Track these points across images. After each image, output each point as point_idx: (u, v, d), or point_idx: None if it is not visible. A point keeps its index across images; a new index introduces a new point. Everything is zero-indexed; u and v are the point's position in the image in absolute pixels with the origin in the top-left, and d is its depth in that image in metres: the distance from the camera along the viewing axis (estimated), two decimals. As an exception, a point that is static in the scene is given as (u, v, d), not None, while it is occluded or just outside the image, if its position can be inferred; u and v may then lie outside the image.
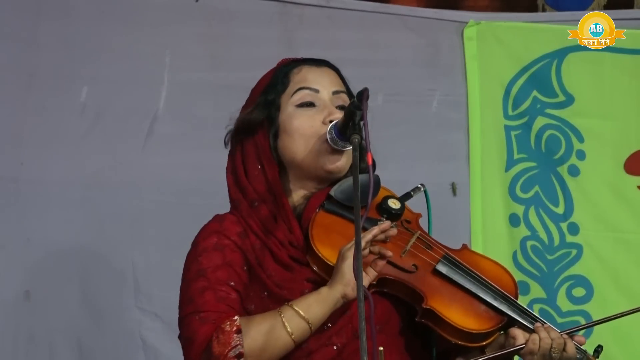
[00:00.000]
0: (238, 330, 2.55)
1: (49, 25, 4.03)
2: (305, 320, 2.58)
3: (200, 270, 2.66)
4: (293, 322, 2.57)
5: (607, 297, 4.28)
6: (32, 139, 3.98)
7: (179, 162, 4.08)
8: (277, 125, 2.78)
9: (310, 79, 2.80)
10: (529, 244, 4.34)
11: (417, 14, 4.41)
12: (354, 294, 2.54)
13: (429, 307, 2.64)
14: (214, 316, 2.58)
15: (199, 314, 2.59)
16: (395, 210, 2.77)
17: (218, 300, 2.61)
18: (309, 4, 4.28)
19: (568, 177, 4.34)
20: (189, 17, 4.18)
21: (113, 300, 4.01)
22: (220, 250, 2.69)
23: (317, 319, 2.58)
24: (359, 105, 2.55)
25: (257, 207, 2.74)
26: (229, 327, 2.55)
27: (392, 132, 4.22)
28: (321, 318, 2.59)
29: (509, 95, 4.36)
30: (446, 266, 2.71)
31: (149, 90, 4.12)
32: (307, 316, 2.58)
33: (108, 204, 4.02)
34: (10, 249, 3.92)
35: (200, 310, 2.60)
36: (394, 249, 2.68)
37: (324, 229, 2.69)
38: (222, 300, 2.61)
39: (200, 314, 2.59)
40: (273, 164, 2.76)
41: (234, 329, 2.55)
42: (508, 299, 2.70)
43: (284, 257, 2.70)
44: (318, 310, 2.58)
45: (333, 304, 2.58)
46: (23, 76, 3.99)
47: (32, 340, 3.92)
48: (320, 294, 2.59)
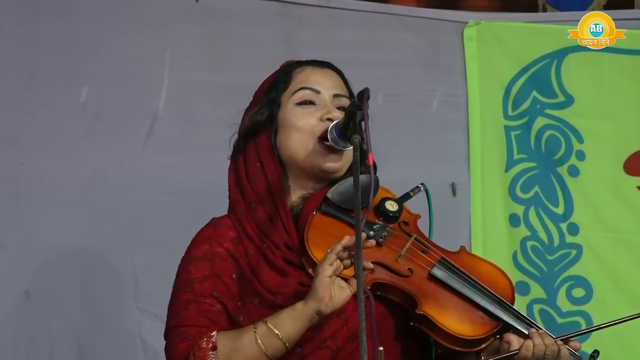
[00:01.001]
0: (214, 347, 2.60)
1: (49, 25, 4.03)
2: (279, 338, 2.58)
3: (188, 280, 2.70)
4: (266, 339, 2.58)
5: (607, 297, 4.29)
6: (32, 139, 3.98)
7: (179, 162, 4.08)
8: (277, 122, 2.79)
9: (312, 79, 2.80)
10: (529, 244, 4.34)
11: (417, 14, 4.41)
12: (327, 310, 2.54)
13: (422, 313, 2.63)
14: (194, 331, 2.64)
15: (181, 328, 2.66)
16: (392, 213, 2.76)
17: (200, 313, 2.66)
18: (309, 4, 4.28)
19: (568, 178, 4.35)
20: (189, 17, 4.18)
21: (113, 301, 4.01)
22: (210, 259, 2.71)
23: (291, 336, 2.58)
24: (360, 105, 2.55)
25: (254, 209, 2.74)
26: (205, 343, 2.60)
27: (392, 132, 4.22)
28: (296, 335, 2.58)
29: (509, 95, 4.36)
30: (441, 270, 2.70)
31: (149, 90, 4.12)
32: (280, 333, 2.58)
33: (108, 204, 4.02)
34: (10, 249, 3.92)
35: (182, 325, 2.66)
36: (389, 253, 2.68)
37: (320, 232, 2.68)
38: (204, 314, 2.66)
39: (181, 329, 2.66)
40: (274, 162, 2.76)
41: (209, 346, 2.60)
42: (503, 303, 2.69)
43: (279, 262, 2.70)
44: (292, 327, 2.58)
45: (307, 321, 2.57)
46: (23, 76, 3.99)
47: (32, 341, 3.92)
48: (295, 309, 2.58)
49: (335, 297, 2.54)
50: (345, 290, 2.56)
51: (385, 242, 2.71)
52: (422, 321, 2.64)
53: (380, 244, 2.69)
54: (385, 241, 2.71)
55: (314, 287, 2.55)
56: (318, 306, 2.54)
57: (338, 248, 2.54)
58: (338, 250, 2.54)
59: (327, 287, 2.53)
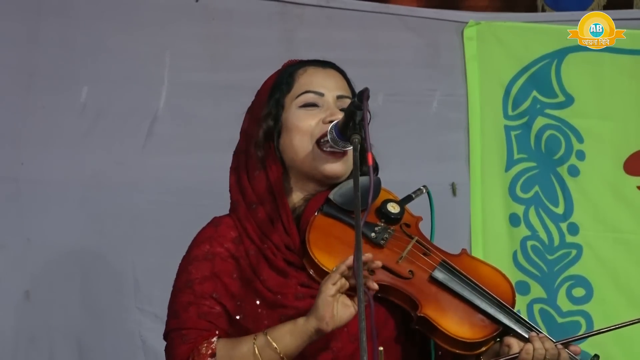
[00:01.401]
0: (213, 354, 2.61)
1: (49, 25, 4.02)
2: (277, 352, 2.58)
3: (188, 281, 2.70)
4: (264, 351, 2.59)
5: (607, 297, 4.28)
6: (32, 139, 3.98)
7: (179, 162, 4.08)
8: (280, 124, 2.78)
9: (315, 82, 2.79)
10: (529, 244, 4.34)
11: (417, 14, 4.40)
12: (328, 329, 2.54)
13: (423, 315, 2.63)
14: (194, 334, 2.65)
15: (181, 331, 2.67)
16: (394, 215, 2.76)
17: (200, 316, 2.67)
18: (309, 4, 4.28)
19: (568, 177, 4.34)
20: (189, 17, 4.18)
21: (113, 301, 4.01)
22: (210, 259, 2.71)
23: (289, 351, 2.58)
24: (360, 105, 2.55)
25: (254, 209, 2.74)
26: (204, 349, 2.62)
27: (392, 132, 4.22)
28: (294, 350, 2.59)
29: (509, 95, 4.36)
30: (442, 273, 2.70)
31: (149, 90, 4.12)
32: (279, 347, 2.58)
33: (108, 204, 4.02)
34: (10, 249, 3.92)
35: (182, 327, 2.67)
36: (391, 255, 2.68)
37: (322, 233, 2.68)
38: (204, 316, 2.67)
39: (182, 331, 2.67)
40: (276, 163, 2.76)
41: (209, 352, 2.61)
42: (504, 307, 2.69)
43: (279, 262, 2.70)
44: (290, 342, 2.58)
45: (307, 337, 2.57)
46: (23, 76, 3.99)
47: (32, 341, 3.92)
48: (296, 325, 2.58)
49: (338, 315, 2.54)
50: (349, 308, 2.55)
51: (386, 244, 2.71)
52: (423, 323, 2.64)
53: (382, 246, 2.69)
54: (387, 243, 2.71)
55: (317, 305, 2.55)
56: (319, 325, 2.54)
57: (342, 268, 2.54)
58: (342, 270, 2.54)
59: (329, 306, 2.53)
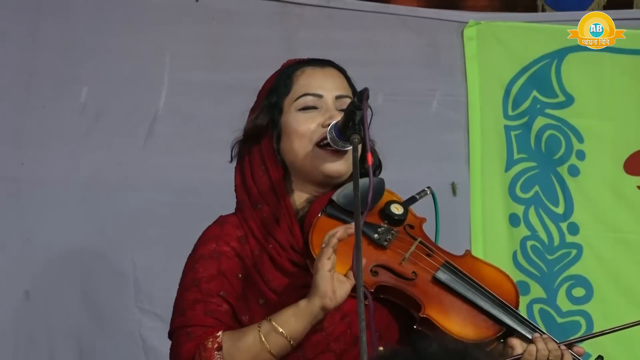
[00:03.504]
0: (219, 347, 2.60)
1: (49, 25, 4.02)
2: (283, 336, 2.58)
3: (195, 280, 2.70)
4: (271, 337, 2.59)
5: (607, 297, 4.28)
6: (32, 139, 3.97)
7: (179, 162, 4.08)
8: (279, 127, 2.78)
9: (314, 84, 2.79)
10: (529, 244, 4.34)
11: (417, 14, 4.40)
12: (332, 305, 2.54)
13: (426, 316, 2.63)
14: (199, 331, 2.64)
15: (187, 328, 2.66)
16: (397, 216, 2.76)
17: (206, 313, 2.66)
18: (309, 4, 4.28)
19: (568, 177, 4.34)
20: (189, 17, 4.18)
21: (113, 300, 4.01)
22: (217, 258, 2.71)
23: (296, 334, 2.59)
24: (359, 105, 2.54)
25: (260, 209, 2.74)
26: (210, 344, 2.61)
27: (392, 132, 4.21)
28: (301, 332, 2.59)
29: (509, 95, 4.35)
30: (446, 274, 2.70)
31: (149, 90, 4.11)
32: (285, 331, 2.58)
33: (108, 204, 4.02)
34: (10, 249, 3.91)
35: (188, 325, 2.66)
36: (394, 256, 2.68)
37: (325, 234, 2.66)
38: (210, 314, 2.66)
39: (187, 329, 2.66)
40: (277, 166, 2.76)
41: (215, 346, 2.61)
42: (507, 308, 2.69)
43: (284, 262, 2.70)
44: (296, 324, 2.58)
45: (312, 317, 2.57)
46: (23, 76, 3.98)
47: (32, 340, 3.92)
48: (298, 307, 2.58)
49: (338, 292, 2.54)
50: (345, 283, 2.56)
51: (389, 245, 2.71)
52: (426, 324, 2.64)
53: (385, 247, 2.69)
54: (390, 244, 2.71)
55: (316, 283, 2.55)
56: (322, 301, 2.54)
57: (334, 241, 2.54)
58: (334, 243, 2.54)
59: (329, 282, 2.53)
